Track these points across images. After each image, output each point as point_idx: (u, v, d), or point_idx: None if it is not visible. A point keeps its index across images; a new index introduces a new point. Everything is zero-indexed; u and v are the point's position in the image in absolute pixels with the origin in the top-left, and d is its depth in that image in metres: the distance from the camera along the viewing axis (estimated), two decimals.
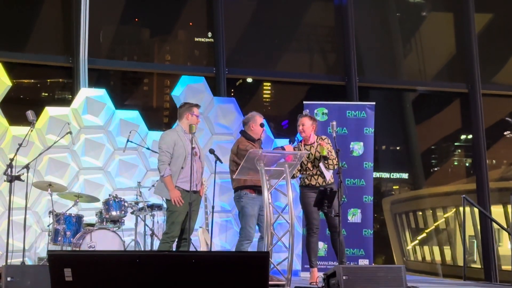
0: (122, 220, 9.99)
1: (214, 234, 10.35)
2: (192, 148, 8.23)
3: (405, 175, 14.39)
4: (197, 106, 8.79)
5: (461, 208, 11.13)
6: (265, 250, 7.37)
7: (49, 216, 9.79)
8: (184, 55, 14.00)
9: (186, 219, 8.40)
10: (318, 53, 14.31)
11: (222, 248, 10.98)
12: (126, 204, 9.95)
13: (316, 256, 8.93)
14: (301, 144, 8.91)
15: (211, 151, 8.98)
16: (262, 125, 8.77)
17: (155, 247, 10.24)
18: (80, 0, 12.00)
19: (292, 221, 7.53)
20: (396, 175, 14.16)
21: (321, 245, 10.62)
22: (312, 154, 8.89)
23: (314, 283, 8.66)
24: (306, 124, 8.96)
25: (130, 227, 10.36)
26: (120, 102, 12.51)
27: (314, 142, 8.98)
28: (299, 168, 8.76)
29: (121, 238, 9.64)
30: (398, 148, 15.18)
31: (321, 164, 8.80)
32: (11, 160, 8.33)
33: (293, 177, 8.50)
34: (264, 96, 14.35)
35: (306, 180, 9.01)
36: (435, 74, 14.72)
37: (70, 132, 9.44)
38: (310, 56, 14.20)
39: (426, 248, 13.42)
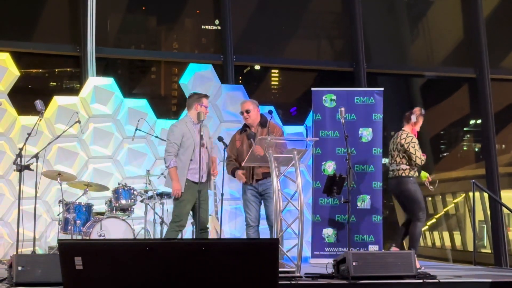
0: (132, 209, 10.01)
1: (223, 222, 10.35)
2: (201, 137, 8.24)
3: None
4: (206, 96, 8.81)
5: (470, 193, 11.13)
6: (275, 237, 7.37)
7: (59, 205, 9.82)
8: (191, 43, 13.98)
9: (196, 210, 8.44)
10: (326, 40, 14.27)
11: (232, 235, 10.99)
12: (135, 192, 9.97)
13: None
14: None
15: (220, 139, 8.99)
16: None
17: (165, 235, 10.27)
18: None
19: (301, 208, 7.53)
20: None
21: (331, 231, 10.62)
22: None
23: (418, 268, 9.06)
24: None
25: (140, 215, 10.38)
26: (128, 90, 12.52)
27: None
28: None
29: (130, 227, 9.66)
30: None
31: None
32: (20, 149, 8.34)
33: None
34: (272, 83, 14.33)
35: (416, 172, 9.38)
36: (443, 59, 14.67)
37: (79, 121, 9.44)
38: (318, 42, 14.16)
39: (436, 233, 13.42)
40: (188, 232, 10.30)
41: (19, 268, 6.48)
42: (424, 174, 9.43)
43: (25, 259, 6.65)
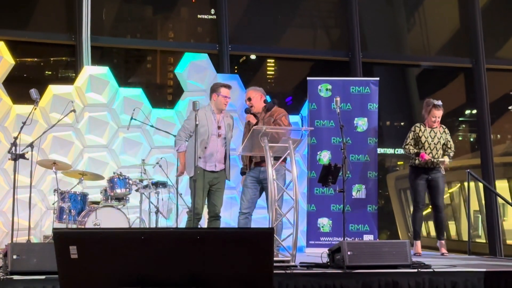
0: (127, 198, 10.01)
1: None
2: (218, 128, 8.38)
3: None
4: (225, 86, 8.85)
5: (465, 183, 11.13)
6: (270, 227, 7.38)
7: (54, 194, 9.81)
8: (187, 32, 13.95)
9: (210, 198, 8.61)
10: (322, 29, 14.25)
11: (227, 224, 10.99)
12: (130, 181, 9.97)
13: (421, 229, 9.76)
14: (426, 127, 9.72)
15: (247, 111, 9.03)
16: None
17: (160, 224, 10.28)
18: None
19: (297, 198, 7.53)
20: (400, 151, 14.13)
21: (326, 221, 10.64)
22: (438, 138, 9.69)
23: (418, 254, 9.39)
24: (439, 116, 9.71)
25: (135, 204, 10.39)
26: (124, 79, 12.50)
27: (436, 127, 9.74)
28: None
29: (126, 216, 9.66)
30: (402, 123, 15.15)
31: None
32: (15, 138, 8.32)
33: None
34: (268, 72, 14.31)
35: (416, 160, 9.67)
36: (439, 49, 14.66)
37: (74, 110, 9.42)
38: (313, 32, 14.14)
39: (431, 223, 13.40)
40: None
41: (14, 257, 6.48)
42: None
43: (20, 248, 6.64)
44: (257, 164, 8.74)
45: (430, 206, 10.02)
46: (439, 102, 9.71)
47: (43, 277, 6.34)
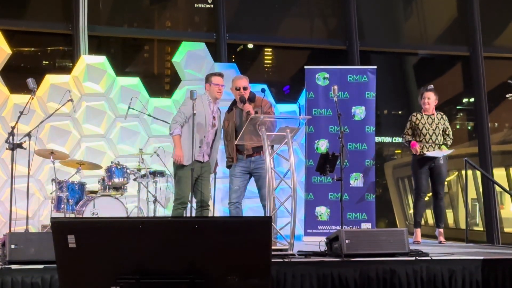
0: (125, 187, 10.01)
1: (216, 200, 10.39)
2: (213, 118, 8.50)
3: None
4: (216, 74, 8.78)
5: (463, 171, 11.15)
6: (268, 215, 7.39)
7: (52, 184, 9.82)
8: (184, 22, 13.94)
9: (196, 188, 8.54)
10: (319, 18, 14.23)
11: (225, 213, 11.01)
12: (128, 171, 9.98)
13: (421, 218, 9.84)
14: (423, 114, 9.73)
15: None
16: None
17: (158, 214, 10.29)
18: None
19: (294, 186, 7.53)
20: (398, 139, 14.16)
21: (324, 209, 10.65)
22: (436, 124, 9.70)
23: (417, 242, 9.47)
24: (431, 98, 9.73)
25: (133, 194, 10.40)
26: (121, 69, 12.48)
27: (433, 114, 9.75)
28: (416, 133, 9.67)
29: (124, 205, 9.67)
30: (400, 112, 15.16)
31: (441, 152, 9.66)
32: (13, 128, 8.32)
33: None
34: (265, 61, 14.30)
35: (413, 150, 9.68)
36: (437, 38, 14.65)
37: (71, 100, 9.42)
38: (311, 20, 14.12)
39: (428, 211, 13.42)
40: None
41: (12, 246, 6.49)
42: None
43: (18, 237, 6.64)
44: (248, 156, 8.63)
45: (429, 194, 10.03)
46: (431, 86, 9.78)
47: (41, 266, 6.35)
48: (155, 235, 4.77)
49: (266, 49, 14.07)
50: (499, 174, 14.90)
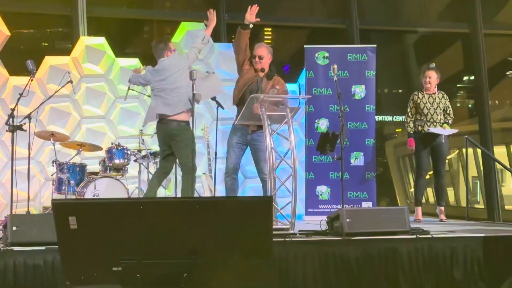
0: (126, 168, 10.02)
1: (217, 181, 10.38)
2: None
3: None
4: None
5: (464, 149, 11.15)
6: (268, 195, 7.39)
7: (53, 166, 9.82)
8: (183, 2, 13.89)
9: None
10: None
11: (225, 194, 11.01)
12: (129, 152, 9.98)
13: (422, 196, 9.94)
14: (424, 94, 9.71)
15: (213, 98, 8.94)
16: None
17: (159, 194, 10.28)
18: None
19: (295, 166, 7.53)
20: (398, 118, 14.14)
21: (324, 188, 10.67)
22: (437, 104, 9.69)
23: (418, 220, 9.49)
24: (432, 77, 9.69)
25: (134, 175, 10.40)
26: (120, 50, 12.43)
27: (434, 93, 9.74)
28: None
29: (124, 186, 9.69)
30: (400, 90, 15.14)
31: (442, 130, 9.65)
32: (12, 110, 8.30)
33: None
34: (265, 41, 14.25)
35: (419, 127, 9.70)
36: (436, 15, 14.60)
37: (71, 81, 9.39)
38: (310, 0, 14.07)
39: (429, 190, 13.43)
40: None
41: (14, 228, 6.49)
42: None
43: (19, 219, 6.65)
44: (253, 131, 8.50)
45: (430, 173, 10.04)
46: (433, 64, 9.76)
47: (43, 248, 6.37)
48: (156, 216, 4.78)
49: (265, 29, 14.02)
50: (499, 152, 14.90)
